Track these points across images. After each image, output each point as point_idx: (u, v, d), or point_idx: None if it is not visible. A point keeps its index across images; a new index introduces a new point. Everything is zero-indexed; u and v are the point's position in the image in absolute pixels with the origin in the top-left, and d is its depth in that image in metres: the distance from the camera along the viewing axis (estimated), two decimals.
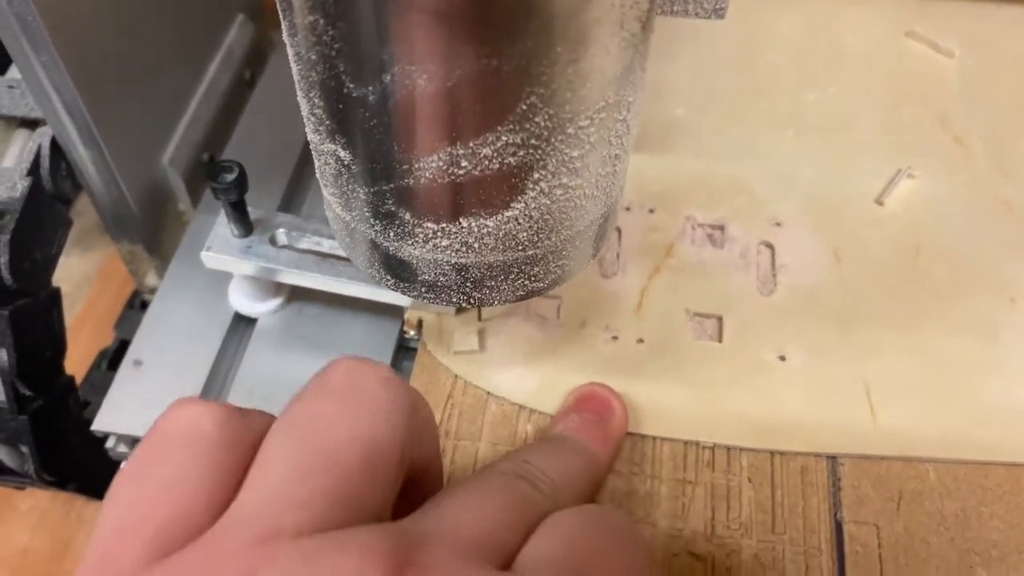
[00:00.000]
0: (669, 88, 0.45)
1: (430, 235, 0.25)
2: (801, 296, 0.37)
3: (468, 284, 0.27)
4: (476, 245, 0.25)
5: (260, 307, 0.38)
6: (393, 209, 0.25)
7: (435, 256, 0.26)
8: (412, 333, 0.37)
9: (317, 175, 0.27)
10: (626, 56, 0.22)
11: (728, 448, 0.33)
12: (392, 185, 0.24)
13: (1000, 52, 0.46)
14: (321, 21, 0.21)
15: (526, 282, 0.27)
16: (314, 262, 0.35)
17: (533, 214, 0.25)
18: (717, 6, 0.24)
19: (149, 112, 0.39)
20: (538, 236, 0.25)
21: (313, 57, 0.22)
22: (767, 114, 0.44)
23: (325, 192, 0.28)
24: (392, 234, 0.26)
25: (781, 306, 0.37)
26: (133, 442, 0.36)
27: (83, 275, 0.56)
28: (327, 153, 0.25)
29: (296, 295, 0.39)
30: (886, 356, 0.35)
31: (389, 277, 0.28)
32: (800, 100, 0.44)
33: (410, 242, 0.26)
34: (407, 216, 0.25)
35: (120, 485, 0.20)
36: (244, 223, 0.35)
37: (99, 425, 0.36)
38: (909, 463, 0.33)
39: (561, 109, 0.22)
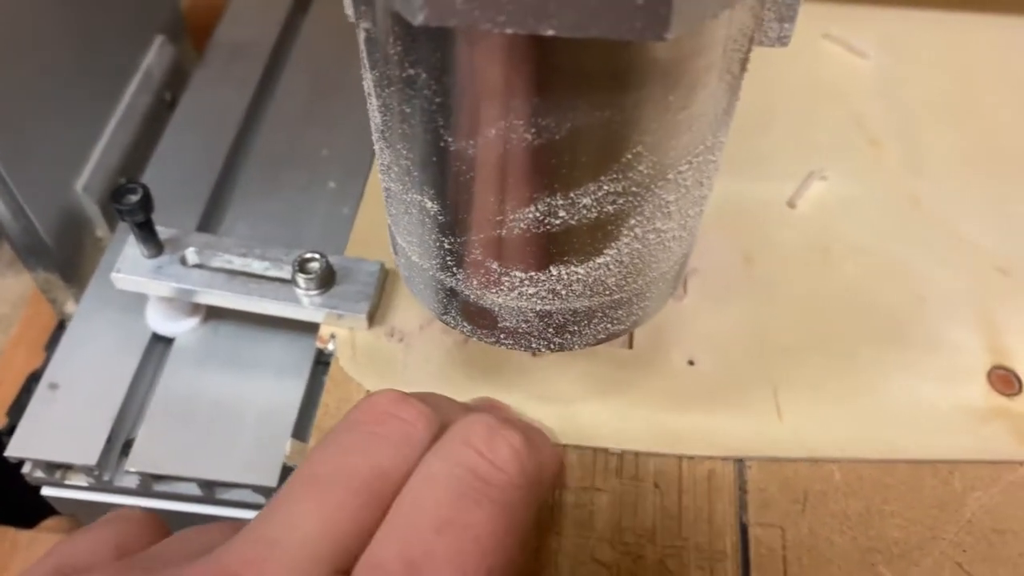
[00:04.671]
0: None
1: (516, 283, 0.24)
2: (711, 300, 0.37)
3: (550, 330, 0.26)
4: (563, 292, 0.24)
5: (177, 326, 0.38)
6: (480, 259, 0.24)
7: (519, 304, 0.25)
8: (329, 347, 0.37)
9: (389, 222, 0.26)
10: (727, 98, 0.22)
11: (636, 454, 0.33)
12: (482, 235, 0.23)
13: (914, 54, 0.47)
14: (424, 75, 0.20)
15: (608, 325, 0.26)
16: (225, 280, 0.35)
17: (624, 259, 0.24)
18: (781, 35, 0.23)
19: (60, 137, 0.38)
20: (626, 280, 0.25)
21: (407, 110, 0.21)
22: None
23: (399, 239, 0.26)
24: (475, 283, 0.25)
25: (691, 311, 0.37)
26: (48, 467, 0.36)
27: (19, 296, 0.55)
28: (410, 203, 0.24)
29: (213, 314, 0.39)
30: (794, 357, 0.36)
31: (467, 324, 0.27)
32: None
33: (494, 291, 0.25)
34: (494, 265, 0.24)
35: None
36: (153, 243, 0.35)
37: (13, 451, 0.35)
38: (815, 464, 0.33)
39: (666, 156, 0.21)
